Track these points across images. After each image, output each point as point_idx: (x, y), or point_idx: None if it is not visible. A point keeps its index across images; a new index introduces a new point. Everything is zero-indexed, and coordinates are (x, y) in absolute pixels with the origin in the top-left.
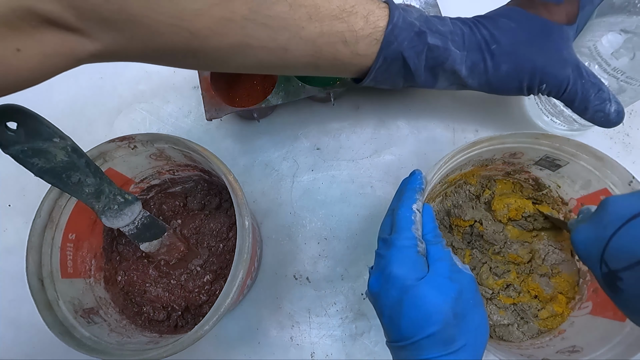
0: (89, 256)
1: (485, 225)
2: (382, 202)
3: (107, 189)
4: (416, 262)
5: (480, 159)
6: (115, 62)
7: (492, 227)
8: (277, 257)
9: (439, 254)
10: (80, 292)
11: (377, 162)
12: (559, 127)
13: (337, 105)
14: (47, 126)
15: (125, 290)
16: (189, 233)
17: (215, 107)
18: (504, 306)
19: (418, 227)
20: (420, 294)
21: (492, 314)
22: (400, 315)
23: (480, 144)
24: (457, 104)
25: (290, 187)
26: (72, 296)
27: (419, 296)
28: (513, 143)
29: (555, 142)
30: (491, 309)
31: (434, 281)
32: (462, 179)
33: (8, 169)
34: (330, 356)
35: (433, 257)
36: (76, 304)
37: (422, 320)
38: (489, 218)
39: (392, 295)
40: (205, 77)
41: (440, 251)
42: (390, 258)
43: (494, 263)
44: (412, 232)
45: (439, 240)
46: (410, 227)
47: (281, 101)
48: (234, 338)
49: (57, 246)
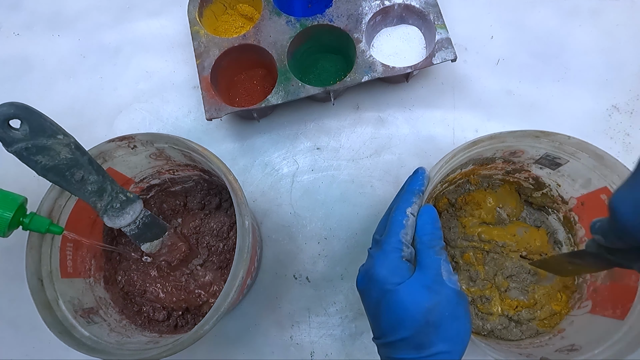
0: (89, 256)
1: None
2: (382, 202)
3: (109, 187)
4: (398, 267)
5: (481, 158)
6: (115, 62)
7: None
8: (277, 257)
9: (427, 260)
10: (80, 292)
11: (377, 162)
12: None
13: (337, 104)
14: (50, 123)
15: (125, 290)
16: (189, 232)
17: (215, 107)
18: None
19: (408, 232)
20: (395, 299)
21: (486, 322)
22: (379, 316)
23: (480, 143)
24: (457, 103)
25: (290, 187)
26: (71, 296)
27: (394, 301)
28: (513, 142)
29: (555, 141)
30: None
31: (411, 289)
32: (462, 178)
33: (8, 169)
34: (329, 355)
35: (420, 263)
36: (76, 303)
37: (396, 323)
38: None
39: (373, 296)
40: (205, 76)
41: (429, 257)
42: (376, 260)
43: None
44: (399, 237)
45: (434, 245)
46: (400, 232)
47: (281, 101)
48: (234, 338)
49: (57, 246)
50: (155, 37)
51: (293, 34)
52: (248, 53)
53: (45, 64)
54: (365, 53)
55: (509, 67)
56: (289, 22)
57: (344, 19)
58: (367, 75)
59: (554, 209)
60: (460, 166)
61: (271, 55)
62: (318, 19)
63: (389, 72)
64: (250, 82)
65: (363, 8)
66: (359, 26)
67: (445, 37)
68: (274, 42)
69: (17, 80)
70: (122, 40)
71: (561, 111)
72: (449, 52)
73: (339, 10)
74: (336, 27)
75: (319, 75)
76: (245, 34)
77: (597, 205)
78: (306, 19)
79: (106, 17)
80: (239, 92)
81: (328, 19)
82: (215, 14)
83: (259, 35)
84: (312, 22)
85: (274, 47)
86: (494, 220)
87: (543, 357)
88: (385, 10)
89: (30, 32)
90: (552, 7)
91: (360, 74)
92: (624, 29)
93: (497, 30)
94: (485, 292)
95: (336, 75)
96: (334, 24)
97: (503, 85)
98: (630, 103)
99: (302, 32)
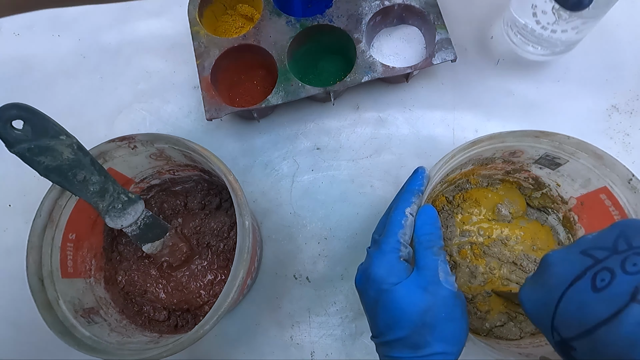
0: (89, 256)
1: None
2: (382, 202)
3: (111, 187)
4: (395, 267)
5: (481, 158)
6: (115, 62)
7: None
8: (277, 257)
9: (424, 261)
10: (81, 292)
11: (377, 162)
12: (539, 54)
13: (337, 104)
14: (53, 124)
15: (126, 290)
16: (190, 232)
17: (216, 107)
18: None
19: (406, 232)
20: (392, 299)
21: (485, 321)
22: (376, 315)
23: (480, 143)
24: (457, 103)
25: (290, 187)
26: (72, 296)
27: (390, 301)
28: (513, 142)
29: (555, 141)
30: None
31: (407, 289)
32: (462, 178)
33: (8, 169)
34: (330, 355)
35: (418, 264)
36: (76, 303)
37: (392, 323)
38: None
39: (370, 295)
40: (205, 77)
41: (427, 258)
42: (374, 259)
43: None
44: (398, 237)
45: (432, 245)
46: (398, 232)
47: (281, 101)
48: (234, 338)
49: (57, 246)
50: (155, 37)
51: (293, 34)
52: (248, 53)
53: (45, 64)
54: (365, 53)
55: (509, 67)
56: (289, 22)
57: (344, 19)
58: (367, 76)
59: (553, 209)
60: (460, 166)
61: (271, 55)
62: (318, 20)
63: (389, 72)
64: (251, 82)
65: (363, 8)
66: (359, 26)
67: (445, 38)
68: (274, 43)
69: (17, 81)
70: (122, 40)
71: (561, 111)
72: (449, 53)
73: (339, 10)
74: (336, 28)
75: (319, 76)
76: (245, 34)
77: (597, 205)
78: (306, 20)
79: (106, 17)
80: (239, 92)
81: (328, 19)
82: (215, 14)
83: (259, 35)
84: (312, 23)
85: (274, 48)
86: (495, 217)
87: (543, 356)
88: (385, 10)
89: (30, 32)
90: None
91: (360, 74)
92: (624, 29)
93: (497, 30)
94: (487, 286)
95: (336, 76)
96: (334, 24)
97: (503, 85)
98: (630, 103)
99: (302, 33)
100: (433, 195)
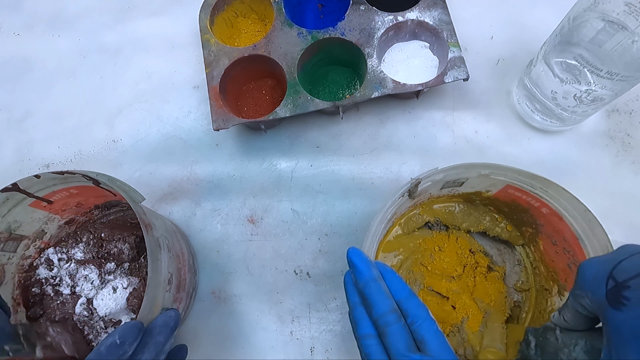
0: None
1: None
2: (382, 199)
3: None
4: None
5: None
6: (115, 62)
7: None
8: (277, 253)
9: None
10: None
11: (378, 160)
12: (551, 125)
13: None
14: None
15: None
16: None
17: (223, 118)
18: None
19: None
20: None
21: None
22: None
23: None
24: (457, 104)
25: (290, 184)
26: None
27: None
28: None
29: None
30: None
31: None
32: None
33: (8, 169)
34: (330, 351)
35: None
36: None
37: None
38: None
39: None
40: (214, 86)
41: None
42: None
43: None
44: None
45: (389, 323)
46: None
47: (289, 114)
48: (235, 333)
49: None
50: (156, 37)
51: (304, 46)
52: (258, 63)
53: (45, 64)
54: (376, 68)
55: (509, 67)
56: (301, 34)
57: (356, 32)
58: (377, 92)
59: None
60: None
61: (281, 67)
62: (330, 32)
63: (399, 88)
64: (259, 91)
65: (376, 23)
66: (370, 41)
67: (458, 56)
68: (284, 54)
69: (17, 80)
70: (122, 40)
71: None
72: (461, 72)
73: (351, 24)
74: (347, 41)
75: (328, 87)
76: (256, 44)
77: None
78: (318, 32)
79: (106, 17)
80: (247, 102)
81: (340, 32)
82: (226, 22)
83: (270, 46)
84: (324, 35)
85: (284, 59)
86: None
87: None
88: (398, 25)
89: (30, 32)
90: (552, 7)
91: (370, 89)
92: None
93: (497, 30)
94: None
95: (346, 87)
96: (345, 37)
97: (503, 85)
98: (630, 103)
99: (313, 45)
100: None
